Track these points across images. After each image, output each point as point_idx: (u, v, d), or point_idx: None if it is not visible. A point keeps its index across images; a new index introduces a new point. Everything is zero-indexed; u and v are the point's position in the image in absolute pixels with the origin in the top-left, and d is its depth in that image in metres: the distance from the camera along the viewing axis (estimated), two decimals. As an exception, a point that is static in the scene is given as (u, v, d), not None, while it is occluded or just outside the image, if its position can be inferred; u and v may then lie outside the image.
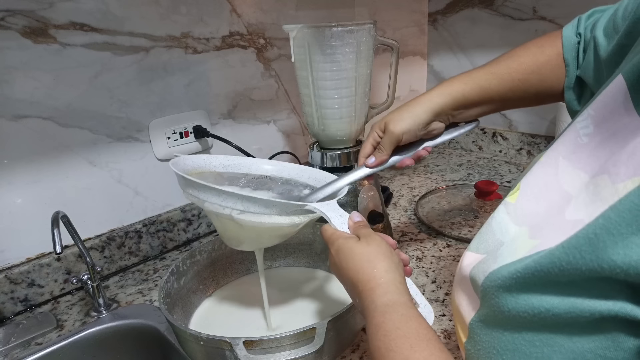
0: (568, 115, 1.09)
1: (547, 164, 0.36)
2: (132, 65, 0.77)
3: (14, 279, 0.70)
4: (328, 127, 0.78)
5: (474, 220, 0.92)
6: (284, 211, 0.49)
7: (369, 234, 0.45)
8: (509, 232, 0.34)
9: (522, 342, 0.28)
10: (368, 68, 0.77)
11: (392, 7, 1.23)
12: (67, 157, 0.74)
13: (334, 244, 0.45)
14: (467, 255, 0.36)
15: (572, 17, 0.52)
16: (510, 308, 0.28)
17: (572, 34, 0.51)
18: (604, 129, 0.32)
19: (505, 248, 0.32)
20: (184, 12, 0.82)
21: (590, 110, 0.34)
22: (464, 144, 1.40)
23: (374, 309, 0.38)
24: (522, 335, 0.28)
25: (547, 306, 0.26)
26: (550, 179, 0.34)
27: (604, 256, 0.23)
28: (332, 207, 0.50)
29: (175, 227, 0.88)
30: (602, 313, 0.24)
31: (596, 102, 0.34)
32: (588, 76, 0.48)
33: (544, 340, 0.27)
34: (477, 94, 0.55)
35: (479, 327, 0.32)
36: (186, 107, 0.86)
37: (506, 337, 0.29)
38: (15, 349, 0.63)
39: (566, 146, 0.35)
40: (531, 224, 0.32)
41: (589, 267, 0.24)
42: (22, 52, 0.66)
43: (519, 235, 0.32)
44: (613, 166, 0.27)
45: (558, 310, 0.26)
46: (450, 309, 0.65)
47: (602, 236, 0.23)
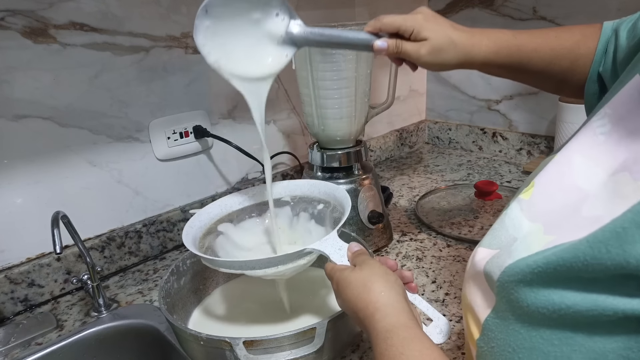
0: (568, 115, 1.10)
1: (562, 161, 0.36)
2: (132, 65, 0.77)
3: (14, 279, 0.70)
4: (328, 127, 0.78)
5: (474, 220, 0.92)
6: (287, 260, 0.51)
7: (364, 261, 0.45)
8: (522, 228, 0.34)
9: (540, 340, 0.27)
10: (368, 68, 0.77)
11: (392, 7, 1.23)
12: (67, 157, 0.74)
13: (332, 278, 0.46)
14: (480, 250, 0.36)
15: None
16: (529, 303, 0.27)
17: (610, 29, 0.49)
18: (621, 127, 0.32)
19: (520, 243, 0.31)
20: (184, 12, 0.82)
21: (607, 109, 0.34)
22: (464, 144, 1.41)
23: (376, 336, 0.38)
24: (540, 333, 0.27)
25: (568, 303, 0.25)
26: (566, 176, 0.34)
27: (631, 251, 0.22)
28: (331, 242, 0.51)
29: (175, 227, 0.88)
30: (626, 312, 0.23)
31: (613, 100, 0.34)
32: (606, 74, 0.48)
33: (563, 339, 0.26)
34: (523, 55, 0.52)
35: (495, 324, 0.31)
36: (186, 107, 0.86)
37: (523, 335, 0.28)
38: (15, 349, 0.63)
39: (582, 144, 0.35)
40: (546, 220, 0.32)
41: (615, 262, 0.23)
42: (22, 52, 0.66)
43: (534, 231, 0.32)
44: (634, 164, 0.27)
45: (579, 307, 0.25)
46: (450, 309, 0.65)
47: (630, 230, 0.23)
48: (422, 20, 0.50)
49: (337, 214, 0.62)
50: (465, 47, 0.50)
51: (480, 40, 0.51)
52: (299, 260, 0.52)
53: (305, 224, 0.66)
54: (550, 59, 0.51)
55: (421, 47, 0.50)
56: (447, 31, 0.50)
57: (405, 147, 1.43)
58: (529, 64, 0.52)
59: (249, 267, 0.52)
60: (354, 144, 0.82)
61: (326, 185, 0.66)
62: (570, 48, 0.50)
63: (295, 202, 0.68)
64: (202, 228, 0.62)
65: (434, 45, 0.50)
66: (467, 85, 1.35)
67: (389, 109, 0.84)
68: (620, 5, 0.97)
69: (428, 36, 0.50)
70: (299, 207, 0.67)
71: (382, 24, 0.51)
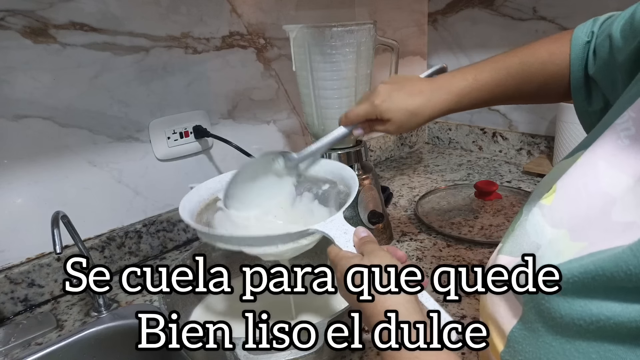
0: (568, 115, 1.10)
1: (585, 165, 0.35)
2: (132, 65, 0.77)
3: (14, 279, 0.70)
4: (328, 127, 0.78)
5: (474, 220, 0.92)
6: (288, 239, 0.49)
7: (372, 250, 0.41)
8: (545, 234, 0.33)
9: (575, 352, 0.26)
10: (368, 68, 0.77)
11: (392, 7, 1.24)
12: (67, 157, 0.74)
13: (337, 265, 0.42)
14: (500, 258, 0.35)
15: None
16: (563, 314, 0.26)
17: (583, 33, 0.49)
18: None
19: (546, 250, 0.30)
20: (184, 12, 0.82)
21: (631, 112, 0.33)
22: (464, 144, 1.41)
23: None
24: (574, 345, 0.26)
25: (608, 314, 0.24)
26: (590, 180, 0.33)
27: None
28: (337, 224, 0.47)
29: (175, 227, 0.88)
30: None
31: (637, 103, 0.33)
32: (601, 76, 0.47)
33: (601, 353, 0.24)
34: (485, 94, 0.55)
35: (522, 335, 0.30)
36: (186, 107, 0.86)
37: (555, 348, 0.27)
38: (15, 349, 0.63)
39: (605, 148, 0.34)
40: (571, 225, 0.31)
41: None
42: (22, 52, 0.66)
43: (559, 238, 0.31)
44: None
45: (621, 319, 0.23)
46: (450, 309, 0.65)
47: None
48: (380, 104, 0.56)
49: (342, 196, 0.59)
50: (424, 112, 0.55)
51: (439, 97, 0.55)
52: (300, 240, 0.50)
53: (308, 204, 0.64)
54: (516, 87, 0.54)
55: (389, 126, 0.57)
56: (404, 105, 0.55)
57: (405, 147, 1.43)
58: (494, 98, 0.55)
59: (247, 244, 0.50)
60: (354, 144, 0.82)
61: (333, 163, 0.64)
62: (537, 72, 0.52)
63: (300, 181, 0.65)
64: (200, 202, 0.60)
65: (397, 123, 0.56)
66: (467, 85, 1.34)
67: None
68: (620, 5, 0.97)
69: (389, 117, 0.56)
70: (303, 186, 0.65)
71: (351, 119, 0.60)
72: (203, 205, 0.61)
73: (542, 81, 0.52)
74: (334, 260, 0.44)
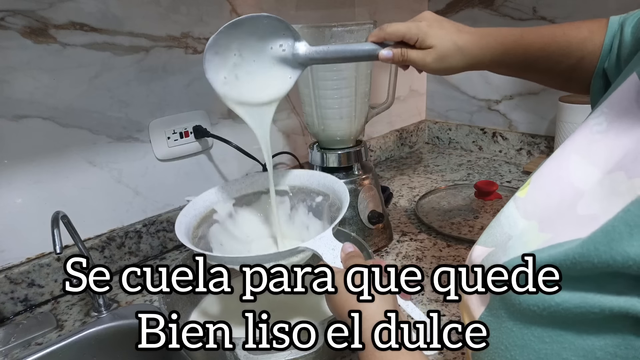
0: (568, 115, 1.10)
1: (558, 159, 0.36)
2: (132, 65, 0.77)
3: (14, 279, 0.70)
4: (328, 127, 0.78)
5: (474, 220, 0.92)
6: (280, 258, 0.50)
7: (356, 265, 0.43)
8: (517, 226, 0.34)
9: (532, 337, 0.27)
10: (368, 68, 0.77)
11: (392, 7, 1.23)
12: (67, 157, 0.74)
13: None
14: (476, 248, 0.36)
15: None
16: (521, 301, 0.27)
17: (616, 23, 0.48)
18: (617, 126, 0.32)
19: (515, 241, 0.32)
20: (184, 12, 0.82)
21: (604, 108, 0.34)
22: (464, 144, 1.41)
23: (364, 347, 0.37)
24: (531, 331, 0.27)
25: (557, 300, 0.26)
26: (562, 173, 0.34)
27: (618, 248, 0.23)
28: (325, 241, 0.49)
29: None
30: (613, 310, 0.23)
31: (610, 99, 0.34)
32: (610, 71, 0.47)
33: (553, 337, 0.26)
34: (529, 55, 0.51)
35: (489, 321, 0.31)
36: (186, 107, 0.86)
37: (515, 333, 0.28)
38: (15, 349, 0.63)
39: (578, 142, 0.35)
40: (541, 217, 0.32)
41: (602, 259, 0.23)
42: (22, 52, 0.66)
43: (529, 229, 0.32)
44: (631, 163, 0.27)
45: (568, 305, 0.25)
46: (450, 309, 0.65)
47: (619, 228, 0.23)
48: (427, 27, 0.50)
49: (334, 209, 0.60)
50: (472, 51, 0.50)
51: (488, 42, 0.50)
52: (291, 258, 0.51)
53: (302, 217, 0.65)
54: (557, 57, 0.50)
55: (427, 55, 0.50)
56: (453, 37, 0.50)
57: (405, 147, 1.43)
58: (536, 62, 0.51)
59: (239, 263, 0.51)
60: (354, 144, 0.82)
61: (325, 177, 0.65)
62: (577, 45, 0.49)
63: (294, 193, 0.66)
64: (197, 217, 0.61)
65: (440, 53, 0.49)
66: (467, 85, 1.35)
67: (389, 109, 0.84)
68: (620, 5, 0.97)
69: (433, 44, 0.49)
70: (298, 197, 0.66)
71: (386, 33, 0.51)
72: (200, 218, 0.61)
73: (579, 57, 0.50)
74: None
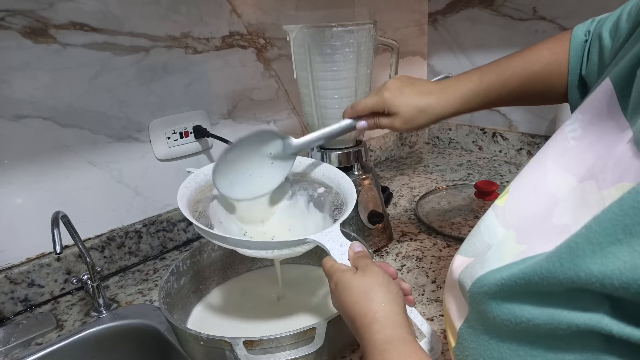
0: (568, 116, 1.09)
1: (535, 166, 0.36)
2: (132, 65, 0.77)
3: (14, 279, 0.70)
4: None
5: (474, 220, 0.92)
6: (285, 246, 0.50)
7: (366, 265, 0.43)
8: (497, 235, 0.34)
9: (507, 351, 0.28)
10: (368, 68, 0.77)
11: (392, 7, 1.23)
12: (67, 157, 0.74)
13: (332, 277, 0.44)
14: (457, 258, 0.36)
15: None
16: (495, 315, 0.28)
17: (582, 32, 0.50)
18: (591, 132, 0.32)
19: (493, 252, 0.31)
20: (184, 12, 0.82)
21: (578, 114, 0.34)
22: (464, 144, 1.41)
23: (372, 346, 0.37)
24: (506, 345, 0.28)
25: (528, 316, 0.26)
26: (539, 181, 0.34)
27: (581, 265, 0.23)
28: (333, 236, 0.49)
29: (175, 227, 0.88)
30: (579, 326, 0.23)
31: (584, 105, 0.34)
32: (591, 77, 0.48)
33: (527, 351, 0.26)
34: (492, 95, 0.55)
35: (467, 333, 0.31)
36: (186, 107, 0.86)
37: (492, 346, 0.29)
38: (15, 349, 0.63)
39: (554, 149, 0.35)
40: (519, 227, 0.32)
41: (566, 275, 0.23)
42: (22, 52, 0.66)
43: (507, 239, 0.32)
44: (600, 172, 0.27)
45: (538, 321, 0.25)
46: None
47: (582, 245, 0.23)
48: (390, 98, 0.56)
49: (338, 202, 0.60)
50: (434, 110, 0.55)
51: (447, 99, 0.55)
52: (296, 248, 0.51)
53: (302, 206, 0.65)
54: (520, 87, 0.54)
55: (394, 121, 0.57)
56: (413, 102, 0.55)
57: (405, 147, 1.44)
58: (500, 98, 0.55)
59: (244, 246, 0.51)
60: (354, 144, 0.82)
61: (332, 169, 0.64)
62: (540, 70, 0.52)
63: (295, 180, 0.65)
64: (197, 190, 0.60)
65: (404, 118, 0.56)
66: (467, 85, 1.34)
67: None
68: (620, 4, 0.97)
69: (397, 111, 0.56)
70: (299, 185, 0.65)
71: (358, 110, 0.59)
72: (199, 191, 0.61)
73: (545, 81, 0.53)
74: (328, 272, 0.46)
